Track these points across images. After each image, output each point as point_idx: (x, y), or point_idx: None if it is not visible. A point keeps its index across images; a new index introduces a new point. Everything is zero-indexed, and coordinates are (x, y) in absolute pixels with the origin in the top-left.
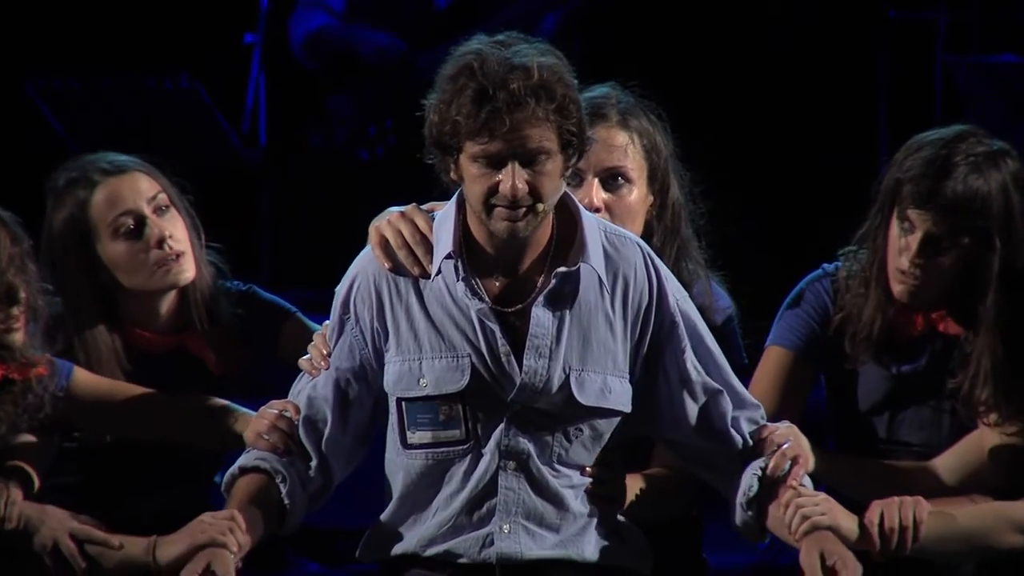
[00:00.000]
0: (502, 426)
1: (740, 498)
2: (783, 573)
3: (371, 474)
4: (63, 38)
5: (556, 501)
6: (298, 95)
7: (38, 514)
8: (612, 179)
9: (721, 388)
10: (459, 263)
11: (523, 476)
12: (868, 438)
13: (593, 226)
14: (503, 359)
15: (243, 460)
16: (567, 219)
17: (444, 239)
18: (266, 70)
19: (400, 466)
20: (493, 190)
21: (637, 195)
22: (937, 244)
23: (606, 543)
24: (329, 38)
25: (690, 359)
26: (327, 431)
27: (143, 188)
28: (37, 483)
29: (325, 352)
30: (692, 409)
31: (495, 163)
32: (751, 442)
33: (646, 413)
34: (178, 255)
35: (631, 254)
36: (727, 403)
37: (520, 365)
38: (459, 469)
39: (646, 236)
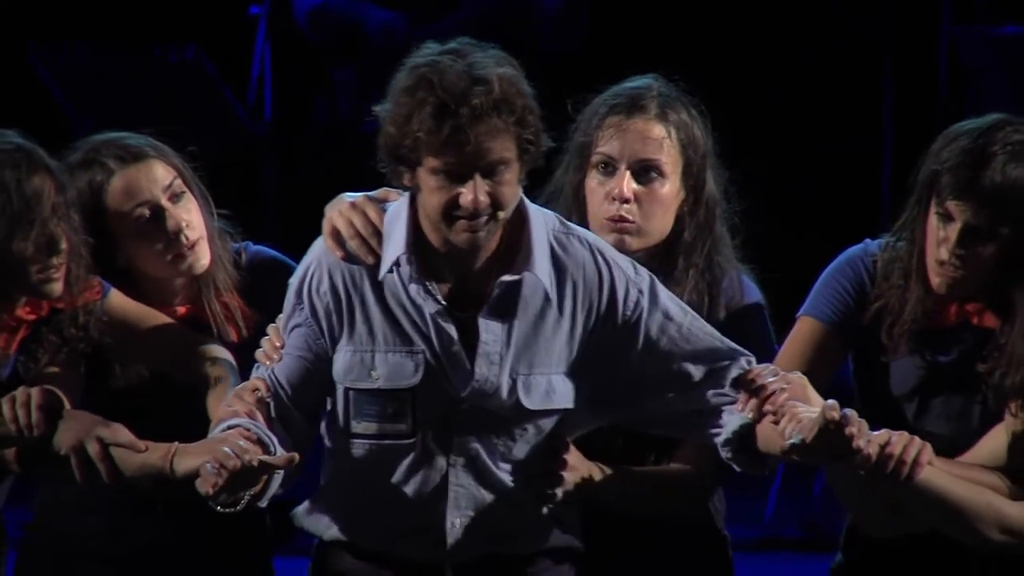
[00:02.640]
0: (450, 424)
1: (720, 441)
2: (787, 544)
3: None
4: (68, 9)
5: (503, 495)
6: (304, 68)
7: (65, 416)
8: (644, 171)
9: (689, 372)
10: (411, 267)
11: (472, 473)
12: (895, 427)
13: (541, 230)
14: (456, 359)
15: (232, 421)
16: (517, 223)
17: (396, 238)
18: (271, 42)
19: (341, 448)
20: (453, 202)
21: (669, 189)
22: (977, 235)
23: (547, 529)
24: (333, 12)
25: (651, 346)
26: (289, 414)
27: (159, 176)
28: (68, 405)
29: (278, 344)
30: (661, 393)
31: (456, 177)
32: (730, 402)
33: (611, 401)
34: (193, 244)
35: (580, 253)
36: (696, 382)
37: (472, 366)
38: (403, 463)
39: (677, 230)
